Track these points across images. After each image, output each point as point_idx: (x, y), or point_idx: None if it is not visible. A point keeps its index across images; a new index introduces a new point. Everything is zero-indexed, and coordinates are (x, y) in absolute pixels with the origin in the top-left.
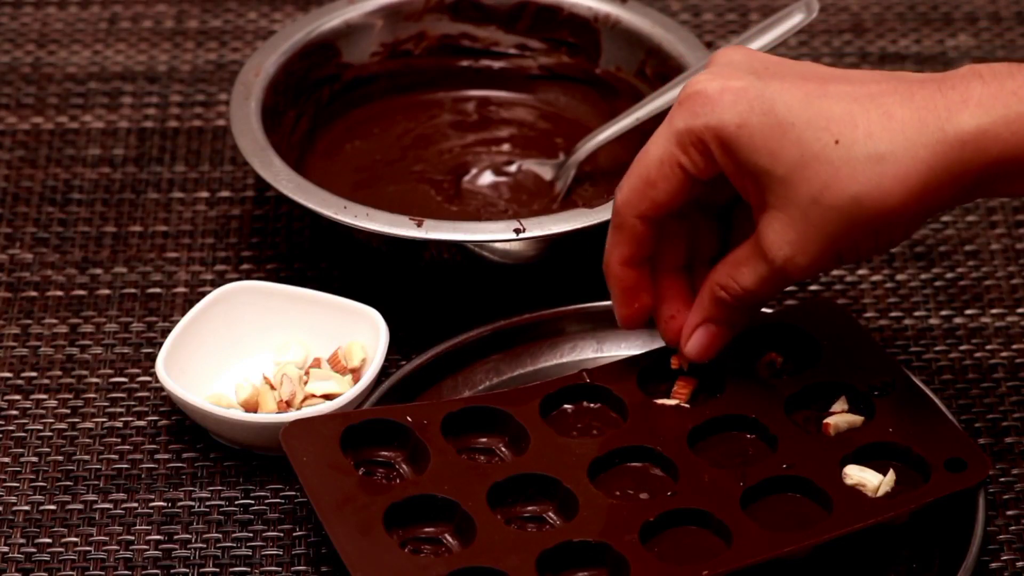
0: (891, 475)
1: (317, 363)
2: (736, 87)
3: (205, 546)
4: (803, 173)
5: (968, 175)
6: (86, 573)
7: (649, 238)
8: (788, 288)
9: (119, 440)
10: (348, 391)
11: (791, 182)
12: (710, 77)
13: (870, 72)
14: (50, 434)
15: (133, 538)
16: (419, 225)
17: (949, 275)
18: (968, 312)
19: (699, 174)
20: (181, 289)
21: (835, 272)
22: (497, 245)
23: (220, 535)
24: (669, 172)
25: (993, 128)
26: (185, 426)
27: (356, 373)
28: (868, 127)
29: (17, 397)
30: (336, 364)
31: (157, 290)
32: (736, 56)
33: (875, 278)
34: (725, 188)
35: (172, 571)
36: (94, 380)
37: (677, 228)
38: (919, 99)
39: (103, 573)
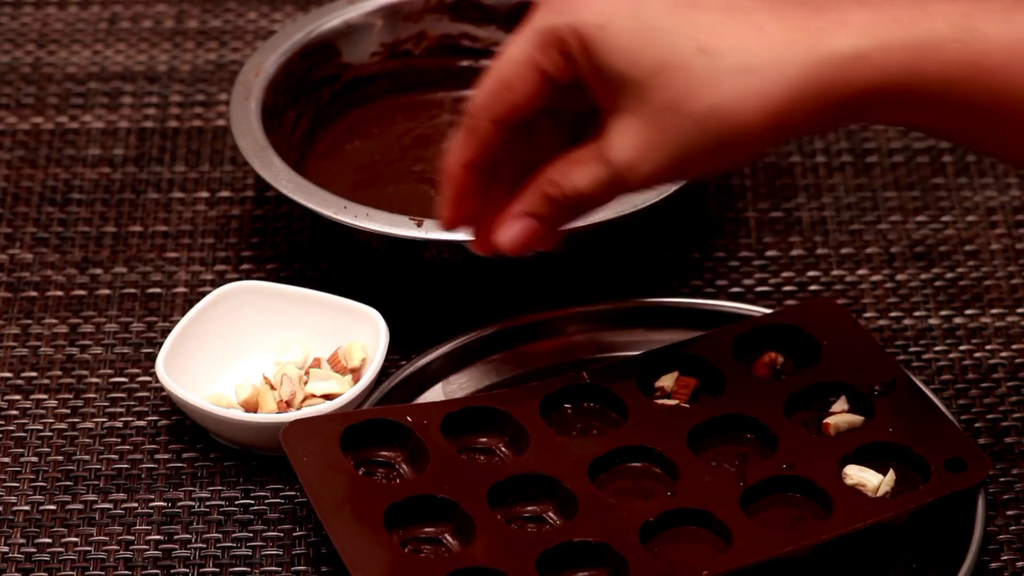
0: (891, 475)
1: (317, 363)
2: None
3: (205, 546)
4: (662, 79)
5: (836, 99)
6: (86, 573)
7: (499, 143)
8: (786, 288)
9: (119, 440)
10: (348, 391)
11: (649, 87)
12: None
13: None
14: (50, 434)
15: (133, 538)
16: (419, 225)
17: (949, 275)
18: (968, 312)
19: (558, 76)
20: (181, 289)
21: (835, 272)
22: None
23: (220, 535)
24: (527, 73)
25: (872, 53)
26: (185, 426)
27: (356, 373)
28: (738, 38)
29: (17, 397)
30: (336, 364)
31: (157, 290)
32: None
33: (875, 278)
34: (581, 97)
35: (172, 571)
36: (94, 380)
37: (521, 138)
38: (794, 18)
39: (103, 573)
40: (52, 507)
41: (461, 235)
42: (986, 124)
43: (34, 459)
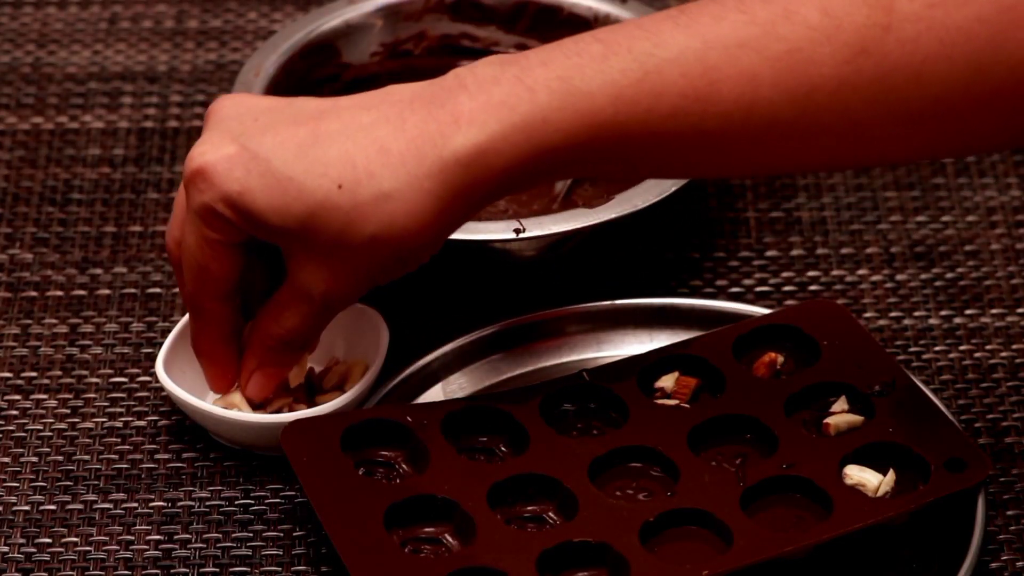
0: (891, 475)
1: (313, 376)
2: (229, 154)
3: (205, 546)
4: (316, 223)
5: (480, 189)
6: (86, 573)
7: (230, 313)
8: (786, 288)
9: (119, 440)
10: (349, 391)
11: (308, 232)
12: (205, 147)
13: (361, 97)
14: (50, 434)
15: (133, 538)
16: None
17: (949, 275)
18: (968, 312)
19: (237, 240)
20: None
21: (835, 272)
22: (497, 245)
23: (220, 535)
24: (211, 251)
25: (491, 144)
26: (185, 426)
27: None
28: (368, 166)
29: (17, 397)
30: (335, 381)
31: (157, 290)
32: (229, 109)
33: (875, 278)
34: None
35: (172, 571)
36: (94, 380)
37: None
38: (411, 127)
39: (103, 573)
40: (52, 507)
41: None
42: (628, 165)
43: (34, 459)
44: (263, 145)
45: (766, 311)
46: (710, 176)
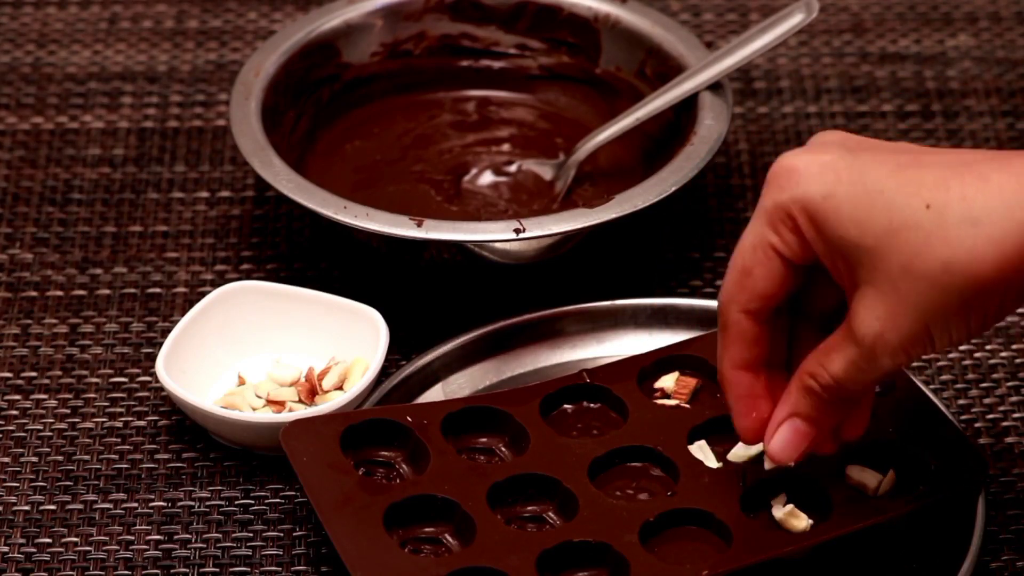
0: (891, 475)
1: (311, 382)
2: (824, 160)
3: (205, 546)
4: (893, 241)
5: None
6: (86, 573)
7: (758, 336)
8: None
9: (119, 440)
10: (348, 391)
11: (880, 252)
12: (800, 152)
13: (964, 149)
14: (50, 434)
15: (133, 538)
16: (419, 225)
17: None
18: None
19: (792, 256)
20: (181, 289)
21: None
22: (497, 245)
23: (220, 535)
24: (763, 256)
25: None
26: (185, 426)
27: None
28: (962, 190)
29: (17, 397)
30: (335, 381)
31: (157, 290)
32: (830, 136)
33: None
34: (826, 290)
35: (172, 571)
36: (94, 380)
37: (775, 325)
38: (1017, 165)
39: (103, 573)
40: (52, 507)
41: None
42: None
43: (34, 459)
44: (860, 158)
45: None
46: None
